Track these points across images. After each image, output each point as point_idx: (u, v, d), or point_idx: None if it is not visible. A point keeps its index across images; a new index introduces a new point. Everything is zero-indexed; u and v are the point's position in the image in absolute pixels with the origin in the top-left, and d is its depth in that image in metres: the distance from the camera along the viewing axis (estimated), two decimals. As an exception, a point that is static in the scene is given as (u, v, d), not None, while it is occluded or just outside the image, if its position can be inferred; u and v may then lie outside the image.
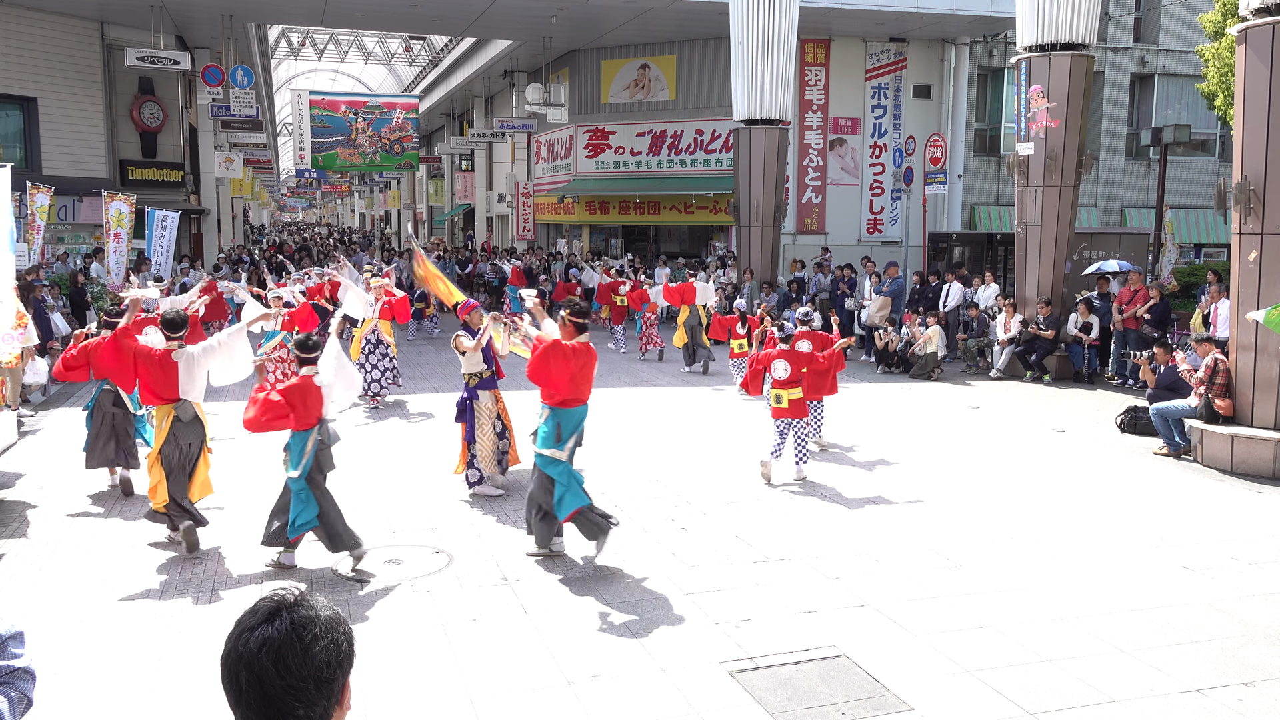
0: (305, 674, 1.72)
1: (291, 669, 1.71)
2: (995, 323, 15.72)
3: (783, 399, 8.81)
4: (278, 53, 37.07)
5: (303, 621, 1.75)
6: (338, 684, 1.78)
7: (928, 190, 20.46)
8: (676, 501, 8.31)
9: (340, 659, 1.78)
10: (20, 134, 21.60)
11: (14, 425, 10.33)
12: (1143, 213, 24.21)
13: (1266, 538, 7.51)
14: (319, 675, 1.74)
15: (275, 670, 1.71)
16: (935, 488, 8.84)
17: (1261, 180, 9.51)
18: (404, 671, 5.12)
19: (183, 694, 4.86)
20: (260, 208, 65.87)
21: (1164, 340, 12.32)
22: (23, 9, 20.84)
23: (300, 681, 1.72)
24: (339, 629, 1.79)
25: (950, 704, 4.81)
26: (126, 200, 17.48)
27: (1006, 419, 12.17)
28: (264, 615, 1.76)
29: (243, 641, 1.74)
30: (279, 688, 1.71)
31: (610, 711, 4.72)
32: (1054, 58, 14.44)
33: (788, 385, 8.81)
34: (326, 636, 1.76)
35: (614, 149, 25.86)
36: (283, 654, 1.71)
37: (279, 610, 1.77)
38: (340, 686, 1.79)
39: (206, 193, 27.44)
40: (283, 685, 1.71)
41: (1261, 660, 5.33)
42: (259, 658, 1.71)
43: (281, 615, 1.76)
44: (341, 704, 1.80)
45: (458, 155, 39.67)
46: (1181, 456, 10.17)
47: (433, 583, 6.39)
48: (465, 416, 8.54)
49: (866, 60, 23.94)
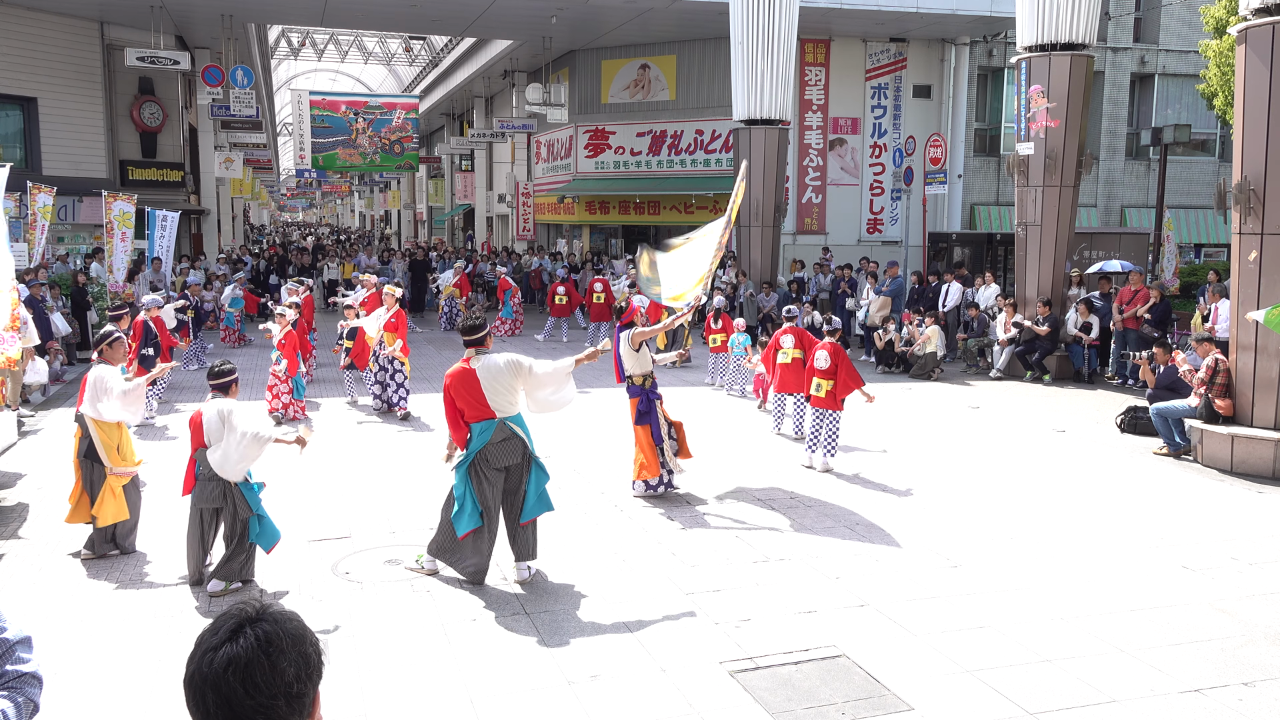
0: (275, 691, 1.66)
1: (261, 687, 1.65)
2: (995, 323, 15.72)
3: (822, 388, 9.30)
4: (278, 53, 37.07)
5: (268, 637, 1.68)
6: (308, 698, 1.72)
7: (928, 190, 20.46)
8: (677, 501, 8.31)
9: (309, 672, 1.71)
10: (20, 134, 21.61)
11: (14, 425, 10.33)
12: (1143, 213, 24.21)
13: (1266, 538, 7.51)
14: (289, 691, 1.67)
15: (244, 690, 1.64)
16: (935, 488, 8.84)
17: (1261, 180, 9.51)
18: (404, 671, 5.12)
19: (183, 694, 4.85)
20: (260, 208, 65.88)
21: (1164, 340, 12.32)
22: (23, 9, 20.85)
23: (270, 699, 1.66)
24: (306, 641, 1.73)
25: (950, 704, 4.81)
26: (129, 200, 17.49)
27: (1006, 419, 12.17)
28: (227, 633, 1.69)
29: (206, 661, 1.67)
30: (249, 707, 1.64)
31: (610, 711, 4.72)
32: (1054, 58, 14.44)
33: (827, 376, 9.27)
34: (294, 650, 1.69)
35: (614, 149, 25.86)
36: (250, 672, 1.64)
37: (242, 626, 1.69)
38: (311, 700, 1.73)
39: (206, 193, 27.45)
40: (253, 705, 1.65)
41: (1261, 660, 5.33)
42: (225, 678, 1.64)
43: (245, 631, 1.68)
44: (312, 716, 1.74)
45: (458, 155, 39.66)
46: (1181, 456, 10.17)
47: (433, 583, 6.39)
48: (649, 419, 8.25)
49: (866, 60, 23.94)
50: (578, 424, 11.46)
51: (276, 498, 7.94)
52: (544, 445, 10.35)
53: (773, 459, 9.95)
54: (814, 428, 9.53)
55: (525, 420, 6.56)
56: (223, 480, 6.15)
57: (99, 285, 16.97)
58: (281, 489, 8.34)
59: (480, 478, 6.34)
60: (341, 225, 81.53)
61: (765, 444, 10.65)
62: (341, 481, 8.89)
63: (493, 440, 6.33)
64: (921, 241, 21.21)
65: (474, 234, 39.63)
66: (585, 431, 11.04)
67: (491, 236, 36.78)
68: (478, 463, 6.33)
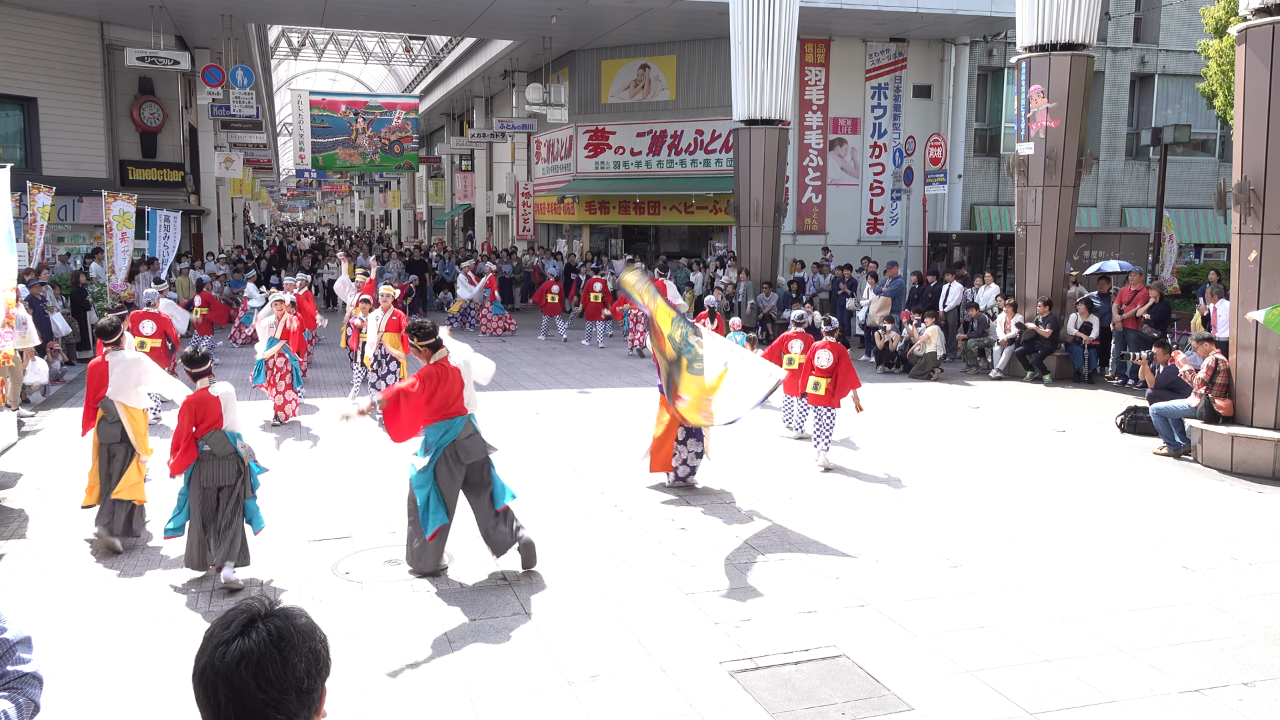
0: (287, 685, 1.68)
1: (273, 681, 1.67)
2: (995, 323, 15.72)
3: (820, 386, 9.42)
4: (278, 53, 37.06)
5: (280, 632, 1.70)
6: (317, 693, 1.75)
7: (928, 190, 20.45)
8: (677, 501, 8.31)
9: (319, 668, 1.74)
10: (20, 134, 21.61)
11: (14, 425, 10.33)
12: (1143, 213, 24.20)
13: (1266, 538, 7.51)
14: (300, 686, 1.70)
15: (256, 684, 1.66)
16: (935, 488, 8.84)
17: (1261, 180, 9.51)
18: (404, 671, 5.12)
19: (183, 694, 4.86)
20: (260, 208, 65.85)
21: (1164, 340, 12.32)
22: (23, 9, 20.84)
23: (282, 694, 1.68)
24: (315, 637, 1.75)
25: (950, 704, 4.81)
26: (129, 200, 17.49)
27: (1006, 419, 12.17)
28: (239, 627, 1.71)
29: (219, 655, 1.68)
30: (260, 701, 1.67)
31: (610, 711, 4.72)
32: (1054, 58, 14.44)
33: (826, 374, 9.39)
34: (305, 646, 1.72)
35: (614, 149, 25.86)
36: (262, 667, 1.67)
37: (254, 621, 1.72)
38: (319, 695, 1.76)
39: (206, 193, 27.45)
40: (264, 699, 1.67)
41: (1261, 660, 5.33)
42: (238, 672, 1.66)
43: (257, 626, 1.71)
44: (319, 711, 1.77)
45: (458, 155, 39.66)
46: (1181, 456, 10.17)
47: (433, 583, 6.39)
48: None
49: (866, 60, 23.94)
50: (578, 424, 11.47)
51: (277, 497, 7.95)
52: (544, 445, 10.37)
53: (773, 459, 9.95)
54: (815, 426, 9.63)
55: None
56: (237, 459, 6.31)
57: (99, 285, 16.97)
58: (282, 489, 8.34)
59: (448, 473, 6.43)
60: (342, 225, 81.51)
61: (765, 444, 10.64)
62: (341, 481, 8.89)
63: (462, 435, 6.46)
64: (921, 241, 21.20)
65: (474, 234, 39.63)
66: (585, 432, 11.04)
67: (491, 236, 36.77)
68: (447, 457, 6.42)
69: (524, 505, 8.11)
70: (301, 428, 11.12)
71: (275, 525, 7.35)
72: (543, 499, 8.32)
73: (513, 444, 10.39)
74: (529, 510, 7.93)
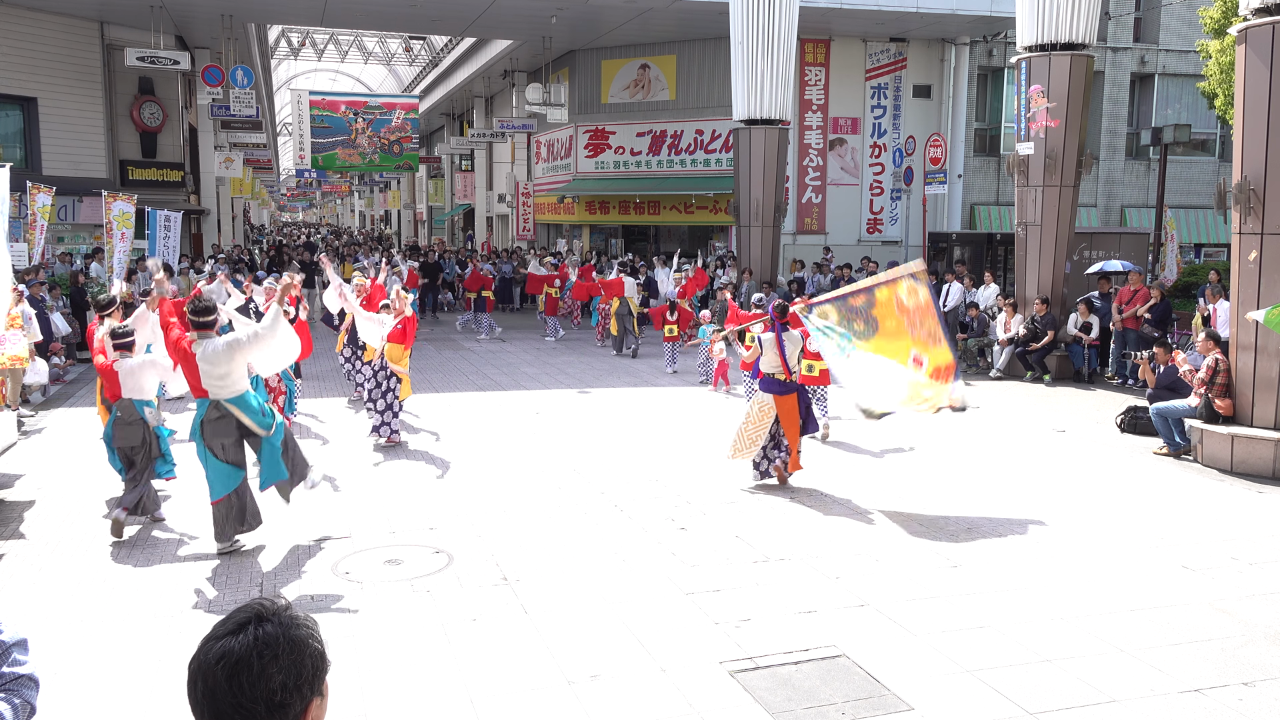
0: (256, 695, 1.64)
1: (244, 688, 1.63)
2: (995, 323, 15.72)
3: (814, 369, 9.58)
4: (278, 53, 37.06)
5: (266, 639, 1.66)
6: (294, 709, 1.67)
7: (928, 190, 20.46)
8: (676, 501, 8.31)
9: (298, 683, 1.67)
10: (20, 134, 21.61)
11: (14, 425, 10.33)
12: (1143, 213, 24.21)
13: (1266, 538, 7.51)
14: (271, 699, 1.64)
15: (227, 686, 1.63)
16: (935, 488, 8.84)
17: (1261, 180, 9.51)
18: (404, 671, 5.12)
19: (183, 695, 4.85)
20: (260, 208, 65.82)
21: (1164, 340, 12.32)
22: (23, 9, 20.85)
23: (251, 703, 1.64)
24: (305, 652, 1.69)
25: (950, 704, 4.81)
26: (129, 200, 17.49)
27: (1006, 419, 12.17)
28: (233, 626, 1.68)
29: (205, 650, 1.67)
30: (228, 704, 1.64)
31: (610, 711, 4.72)
32: (1054, 58, 14.44)
33: (816, 356, 9.50)
34: (286, 658, 1.66)
35: (614, 149, 25.87)
36: (237, 671, 1.63)
37: (248, 623, 1.68)
38: (300, 711, 1.69)
39: (206, 193, 27.45)
40: (232, 703, 1.63)
41: (1261, 660, 5.33)
42: (214, 670, 1.64)
43: (249, 629, 1.67)
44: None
45: (458, 155, 39.66)
46: (1181, 456, 10.17)
47: (433, 583, 6.39)
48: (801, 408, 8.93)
49: (866, 60, 23.95)
50: (578, 424, 11.47)
51: (276, 497, 7.93)
52: (544, 445, 10.37)
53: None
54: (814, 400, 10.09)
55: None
56: (143, 424, 7.34)
57: (99, 285, 16.96)
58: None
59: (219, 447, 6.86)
60: (342, 225, 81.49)
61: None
62: (341, 481, 8.88)
63: (208, 416, 6.85)
64: (921, 241, 21.21)
65: (474, 234, 39.64)
66: (585, 432, 11.04)
67: (491, 236, 36.78)
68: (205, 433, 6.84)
69: (524, 505, 8.12)
70: (302, 428, 11.12)
71: (275, 525, 7.36)
72: (543, 499, 8.32)
73: (513, 444, 10.40)
74: (529, 510, 7.95)
